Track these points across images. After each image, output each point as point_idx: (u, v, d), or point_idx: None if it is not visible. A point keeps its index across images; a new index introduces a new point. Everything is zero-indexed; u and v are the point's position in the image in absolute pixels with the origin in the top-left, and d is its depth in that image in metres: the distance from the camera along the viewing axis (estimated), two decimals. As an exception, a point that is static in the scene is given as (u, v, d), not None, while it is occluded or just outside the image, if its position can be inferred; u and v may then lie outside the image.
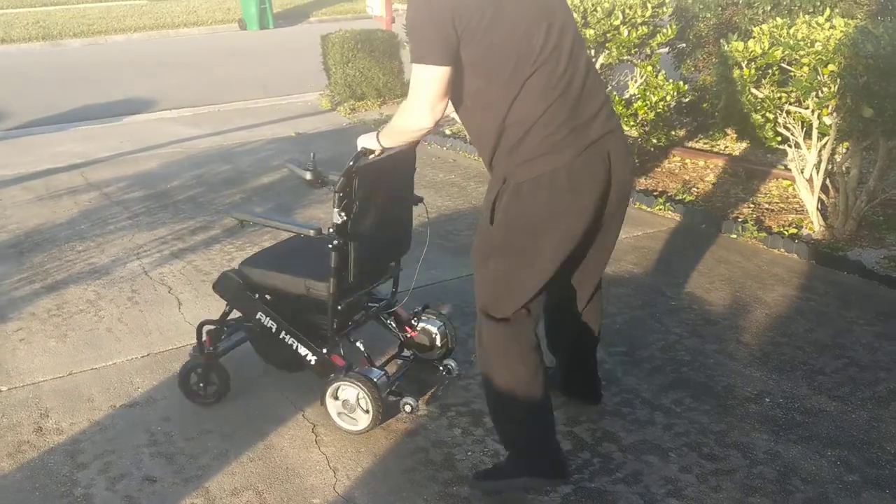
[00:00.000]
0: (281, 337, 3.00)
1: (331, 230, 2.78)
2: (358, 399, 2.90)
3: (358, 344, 3.05)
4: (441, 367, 3.27)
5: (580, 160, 2.45)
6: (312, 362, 2.98)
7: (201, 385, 3.12)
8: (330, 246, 2.76)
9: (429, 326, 3.31)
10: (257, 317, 3.01)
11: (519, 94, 2.48)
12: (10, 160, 6.94)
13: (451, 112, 2.67)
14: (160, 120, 8.57)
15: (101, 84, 10.67)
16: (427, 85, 2.46)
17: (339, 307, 2.90)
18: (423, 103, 2.47)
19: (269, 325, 3.00)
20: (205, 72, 11.45)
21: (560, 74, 2.49)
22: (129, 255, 4.64)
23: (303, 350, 2.98)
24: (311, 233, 2.83)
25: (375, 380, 2.90)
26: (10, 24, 16.17)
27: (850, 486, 2.61)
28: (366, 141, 2.75)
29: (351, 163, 2.71)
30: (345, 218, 2.76)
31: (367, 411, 2.90)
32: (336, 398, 2.93)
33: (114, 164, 6.77)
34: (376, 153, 2.73)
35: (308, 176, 2.87)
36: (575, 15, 5.72)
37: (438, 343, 3.30)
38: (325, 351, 2.96)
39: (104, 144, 7.44)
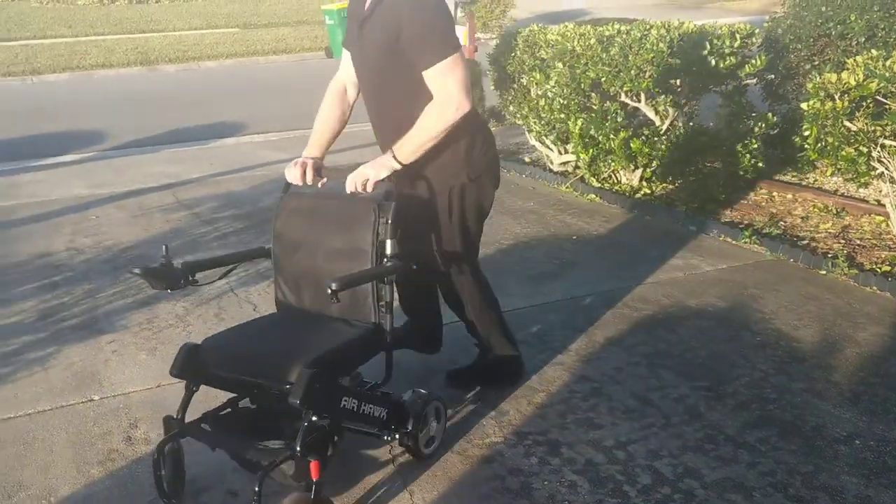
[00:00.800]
0: (362, 412, 2.62)
1: (397, 261, 2.69)
2: (440, 413, 2.96)
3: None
4: None
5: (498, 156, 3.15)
6: (385, 417, 2.71)
7: None
8: (398, 280, 2.73)
9: None
10: (342, 405, 2.55)
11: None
12: (106, 179, 7.25)
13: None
14: (248, 143, 8.83)
15: (194, 108, 11.06)
16: (458, 71, 2.70)
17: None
18: (461, 90, 2.71)
19: (350, 407, 2.57)
20: (291, 98, 11.74)
21: None
22: (217, 273, 4.75)
23: (378, 410, 2.68)
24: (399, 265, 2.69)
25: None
26: (111, 49, 16.92)
27: (948, 537, 2.49)
28: (379, 172, 2.81)
29: (390, 199, 2.71)
30: (398, 249, 2.68)
31: (440, 423, 2.97)
32: (430, 423, 2.92)
33: (203, 184, 7.01)
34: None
35: (158, 276, 2.72)
36: (661, 45, 5.67)
37: None
38: (394, 397, 2.86)
39: (195, 166, 7.71)
